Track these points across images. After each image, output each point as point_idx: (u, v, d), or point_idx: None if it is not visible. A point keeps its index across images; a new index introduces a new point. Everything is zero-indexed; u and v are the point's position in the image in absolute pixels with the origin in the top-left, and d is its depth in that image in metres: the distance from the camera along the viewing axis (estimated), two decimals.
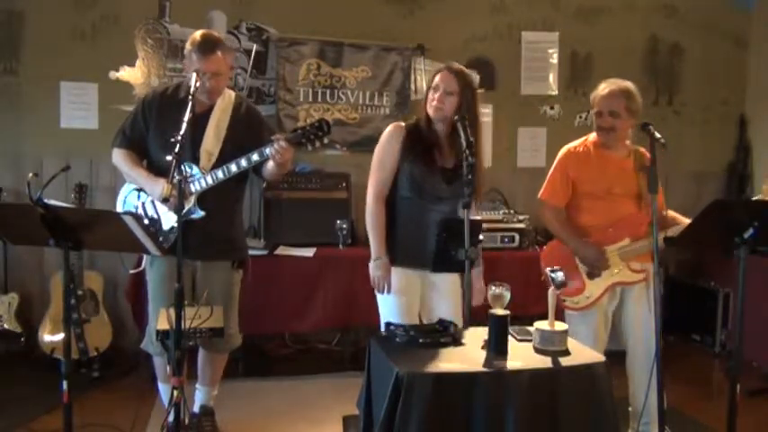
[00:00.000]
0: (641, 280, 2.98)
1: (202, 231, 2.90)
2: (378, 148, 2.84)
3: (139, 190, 3.01)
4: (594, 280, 2.98)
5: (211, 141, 2.92)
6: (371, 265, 2.81)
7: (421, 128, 2.79)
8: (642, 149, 3.04)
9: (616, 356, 2.87)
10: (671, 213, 3.04)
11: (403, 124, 2.84)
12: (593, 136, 3.09)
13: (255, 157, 2.80)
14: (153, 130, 2.94)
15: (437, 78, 2.74)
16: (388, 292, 2.78)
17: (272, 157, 2.76)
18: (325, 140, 2.80)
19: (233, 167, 2.83)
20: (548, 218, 3.10)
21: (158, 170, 2.89)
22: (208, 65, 2.81)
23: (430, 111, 2.75)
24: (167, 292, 2.71)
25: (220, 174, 2.85)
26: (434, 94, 2.72)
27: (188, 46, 2.88)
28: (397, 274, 2.79)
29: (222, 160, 2.88)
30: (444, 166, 2.80)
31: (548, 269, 3.05)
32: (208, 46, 2.82)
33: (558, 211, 3.07)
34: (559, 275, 3.00)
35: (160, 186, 2.82)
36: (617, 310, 3.06)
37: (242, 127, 2.97)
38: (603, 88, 2.98)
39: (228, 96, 3.01)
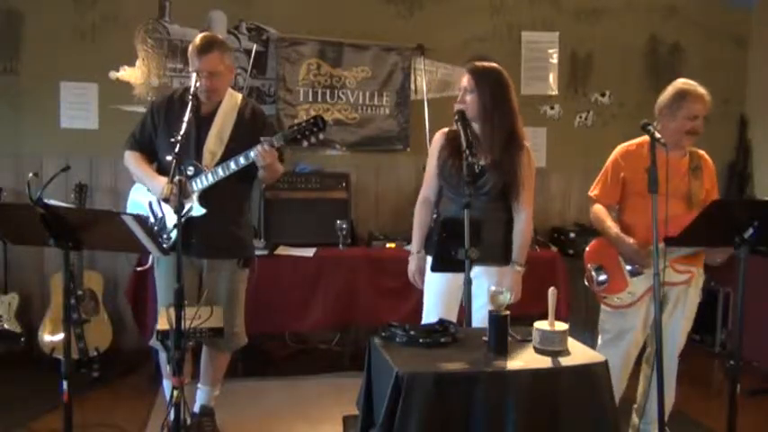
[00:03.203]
0: (685, 282, 2.95)
1: (206, 230, 2.92)
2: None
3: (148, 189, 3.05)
4: (637, 278, 2.94)
5: (214, 141, 2.94)
6: (409, 258, 3.01)
7: (457, 129, 2.87)
8: (701, 152, 3.05)
9: None
10: None
11: (446, 130, 2.96)
12: None
13: (252, 153, 2.83)
14: (160, 133, 2.99)
15: (462, 80, 2.87)
16: (421, 284, 2.95)
17: (256, 159, 2.80)
18: (321, 136, 2.88)
19: (232, 165, 2.87)
20: (593, 213, 3.09)
21: (165, 171, 2.90)
22: (203, 64, 2.85)
23: None
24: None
25: (221, 171, 2.87)
26: (460, 96, 2.86)
27: (189, 49, 2.93)
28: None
29: (226, 160, 2.90)
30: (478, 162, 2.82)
31: (590, 265, 3.06)
32: (203, 47, 2.86)
33: (608, 208, 3.07)
34: (601, 274, 3.01)
35: (161, 185, 2.84)
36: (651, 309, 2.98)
37: (246, 129, 2.99)
38: (702, 93, 2.93)
39: (235, 98, 3.05)
